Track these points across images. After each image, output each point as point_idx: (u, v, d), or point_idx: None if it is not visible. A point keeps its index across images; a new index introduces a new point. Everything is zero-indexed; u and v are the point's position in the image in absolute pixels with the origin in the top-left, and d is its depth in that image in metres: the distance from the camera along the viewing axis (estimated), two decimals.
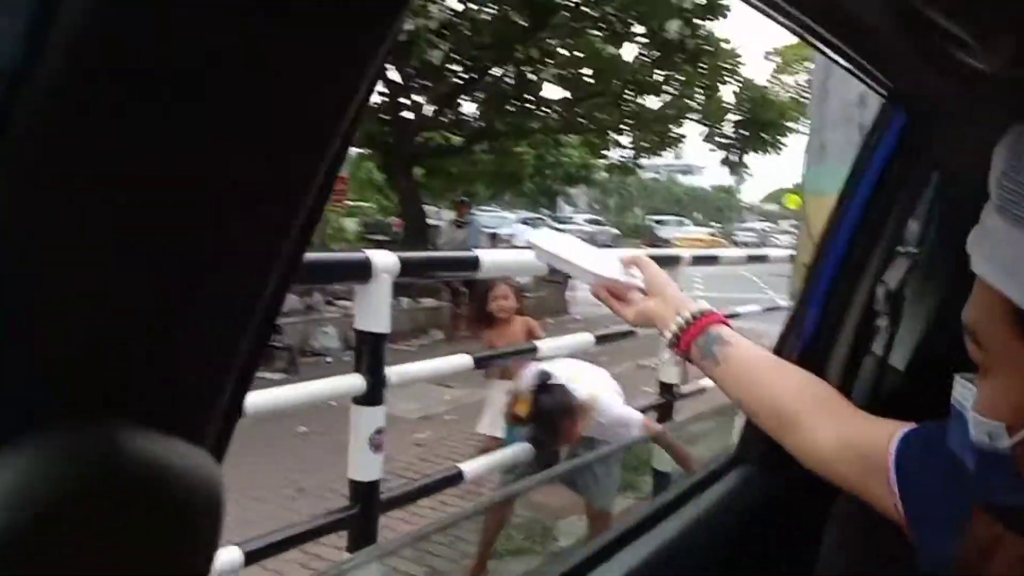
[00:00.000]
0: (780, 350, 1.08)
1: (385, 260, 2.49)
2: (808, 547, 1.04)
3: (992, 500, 0.62)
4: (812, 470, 0.84)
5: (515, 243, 12.31)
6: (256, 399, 2.22)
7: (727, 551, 1.07)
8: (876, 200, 0.99)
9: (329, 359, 7.47)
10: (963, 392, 0.61)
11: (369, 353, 2.51)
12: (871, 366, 1.08)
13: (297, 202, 0.29)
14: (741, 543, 1.08)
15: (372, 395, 2.49)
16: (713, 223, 43.87)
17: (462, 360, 3.00)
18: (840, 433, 0.82)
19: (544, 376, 2.85)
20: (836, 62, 1.09)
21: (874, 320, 1.03)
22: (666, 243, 22.60)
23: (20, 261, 0.24)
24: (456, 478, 2.97)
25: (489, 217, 21.98)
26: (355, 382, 2.46)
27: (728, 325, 0.91)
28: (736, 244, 27.23)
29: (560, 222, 27.76)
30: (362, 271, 2.46)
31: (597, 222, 31.73)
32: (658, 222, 34.75)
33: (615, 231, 31.43)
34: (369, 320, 2.51)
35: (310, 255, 2.63)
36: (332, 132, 0.29)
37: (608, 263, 0.92)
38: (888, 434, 0.77)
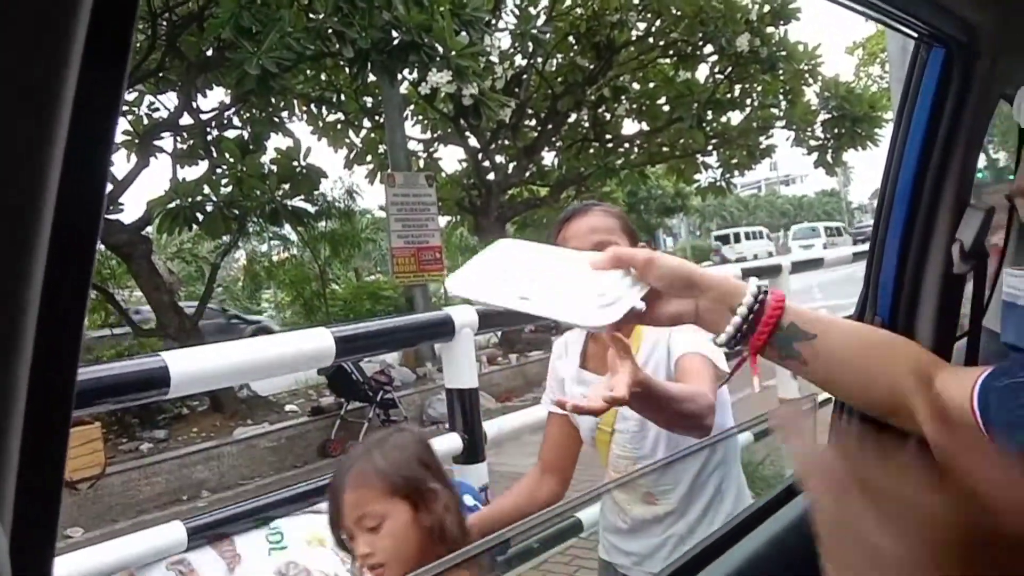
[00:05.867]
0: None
1: (465, 315, 2.47)
2: None
3: None
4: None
5: None
6: None
7: None
8: (930, 150, 0.87)
9: (446, 425, 7.54)
10: (1014, 281, 0.54)
11: (462, 410, 2.48)
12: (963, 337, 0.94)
13: None
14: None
15: (471, 453, 2.44)
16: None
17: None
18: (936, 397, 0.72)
19: None
20: (867, 15, 1.04)
21: (956, 283, 0.90)
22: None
23: None
24: (577, 528, 2.85)
25: None
26: (452, 442, 2.43)
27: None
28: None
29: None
30: (445, 328, 2.44)
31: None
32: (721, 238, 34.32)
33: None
34: (457, 377, 2.49)
35: (392, 319, 2.62)
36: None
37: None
38: (968, 386, 0.70)
